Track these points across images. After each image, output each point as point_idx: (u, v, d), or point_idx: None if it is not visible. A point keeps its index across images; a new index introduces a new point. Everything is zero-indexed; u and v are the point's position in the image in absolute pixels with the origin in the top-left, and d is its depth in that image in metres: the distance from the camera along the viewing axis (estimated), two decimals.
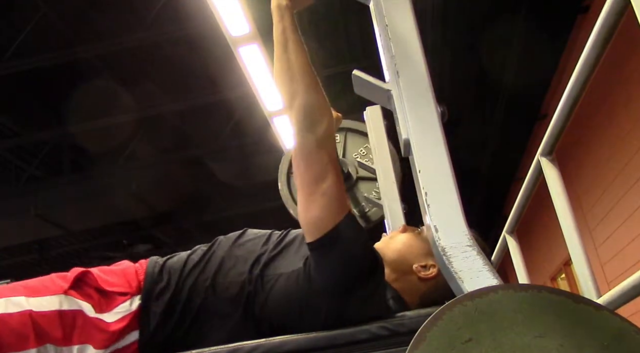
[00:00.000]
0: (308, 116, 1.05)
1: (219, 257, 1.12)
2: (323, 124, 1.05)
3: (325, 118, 1.06)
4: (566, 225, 1.50)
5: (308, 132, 1.04)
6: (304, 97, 1.06)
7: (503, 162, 7.14)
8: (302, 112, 1.05)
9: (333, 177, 1.04)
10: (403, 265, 1.18)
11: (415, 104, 0.92)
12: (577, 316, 0.60)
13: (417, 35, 0.99)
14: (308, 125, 1.04)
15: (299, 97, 1.06)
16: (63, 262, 8.04)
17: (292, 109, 1.06)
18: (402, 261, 1.19)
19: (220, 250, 1.14)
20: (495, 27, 4.77)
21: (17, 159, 5.53)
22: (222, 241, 1.17)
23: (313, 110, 1.05)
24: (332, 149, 1.09)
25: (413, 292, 1.17)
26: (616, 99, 4.53)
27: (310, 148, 1.04)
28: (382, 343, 1.02)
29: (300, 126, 1.05)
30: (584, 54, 1.21)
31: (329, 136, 1.07)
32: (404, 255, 1.20)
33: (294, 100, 1.06)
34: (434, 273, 1.15)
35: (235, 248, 1.14)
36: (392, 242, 1.25)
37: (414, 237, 1.24)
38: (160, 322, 1.03)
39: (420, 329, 0.59)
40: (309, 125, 1.04)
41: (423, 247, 1.19)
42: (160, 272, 1.09)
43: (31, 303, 0.98)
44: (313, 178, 1.04)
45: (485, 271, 0.74)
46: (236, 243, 1.16)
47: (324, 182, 1.03)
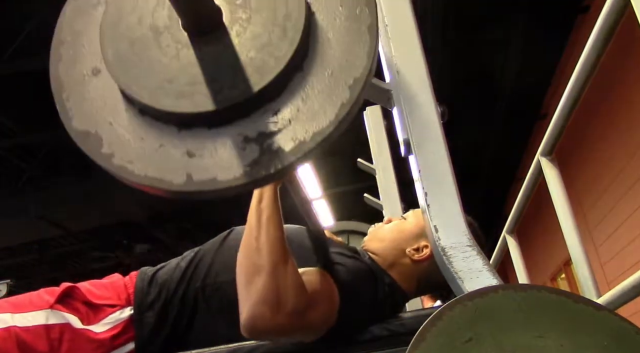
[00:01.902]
0: (270, 297, 0.87)
1: (208, 259, 1.11)
2: (288, 303, 0.87)
3: (291, 296, 0.88)
4: (566, 225, 1.50)
5: (272, 314, 0.86)
6: (266, 274, 0.88)
7: (503, 162, 7.14)
8: (262, 293, 0.87)
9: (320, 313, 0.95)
10: (395, 251, 1.18)
11: (415, 104, 0.92)
12: (577, 316, 0.60)
13: (417, 35, 0.99)
14: (270, 310, 0.86)
15: (261, 274, 0.88)
16: (63, 262, 8.05)
17: (250, 288, 0.88)
18: (394, 247, 1.18)
19: (208, 253, 1.13)
20: (495, 27, 4.77)
21: (17, 158, 5.53)
22: (208, 244, 1.17)
23: (276, 290, 0.87)
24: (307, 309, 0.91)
25: (409, 277, 1.17)
26: (616, 99, 4.53)
27: (279, 329, 0.88)
28: (382, 343, 1.02)
29: (260, 312, 0.86)
30: (584, 54, 1.21)
31: (298, 310, 0.89)
32: (395, 242, 1.19)
33: (254, 276, 0.89)
34: (428, 253, 1.14)
35: (223, 249, 1.13)
36: (379, 232, 1.25)
37: (400, 223, 1.24)
38: (154, 330, 1.03)
39: (420, 329, 0.59)
40: (271, 309, 0.86)
41: (412, 231, 1.18)
42: (150, 284, 1.08)
43: (16, 319, 0.97)
44: (301, 336, 0.97)
45: (485, 271, 0.74)
46: (224, 243, 1.15)
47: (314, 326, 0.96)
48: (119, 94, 0.56)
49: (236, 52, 0.55)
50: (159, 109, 0.53)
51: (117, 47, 0.57)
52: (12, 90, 4.63)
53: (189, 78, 0.54)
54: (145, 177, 0.52)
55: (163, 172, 0.52)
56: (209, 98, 0.53)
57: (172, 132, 0.54)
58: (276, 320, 0.87)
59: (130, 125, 0.55)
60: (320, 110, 0.53)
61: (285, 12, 0.57)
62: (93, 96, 0.57)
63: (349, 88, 0.53)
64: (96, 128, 0.56)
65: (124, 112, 0.56)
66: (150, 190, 0.53)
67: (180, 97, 0.53)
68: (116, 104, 0.56)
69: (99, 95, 0.57)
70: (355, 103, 0.53)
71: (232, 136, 0.53)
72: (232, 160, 0.51)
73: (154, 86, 0.54)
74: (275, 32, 0.55)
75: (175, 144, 0.53)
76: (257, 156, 0.51)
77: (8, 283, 4.14)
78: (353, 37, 0.56)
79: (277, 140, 0.52)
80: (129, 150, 0.54)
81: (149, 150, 0.53)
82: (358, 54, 0.55)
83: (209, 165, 0.52)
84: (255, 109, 0.54)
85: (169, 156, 0.53)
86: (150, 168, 0.52)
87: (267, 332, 0.89)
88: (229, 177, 0.51)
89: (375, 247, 1.20)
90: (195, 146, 0.53)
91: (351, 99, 0.53)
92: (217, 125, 0.53)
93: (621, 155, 4.58)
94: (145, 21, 0.58)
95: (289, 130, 0.52)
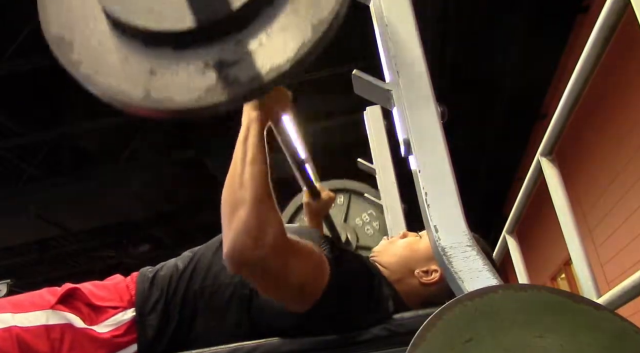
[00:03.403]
0: (253, 228, 0.90)
1: (206, 260, 1.11)
2: (269, 235, 0.90)
3: (272, 229, 0.91)
4: (566, 225, 1.50)
5: (254, 244, 0.90)
6: (249, 207, 0.91)
7: (503, 162, 7.14)
8: (245, 224, 0.90)
9: (300, 267, 0.96)
10: (404, 269, 1.17)
11: (415, 104, 0.92)
12: (577, 316, 0.60)
13: (417, 35, 0.99)
14: (252, 240, 0.90)
15: (244, 206, 0.91)
16: (63, 262, 8.05)
17: (233, 219, 0.92)
18: (403, 265, 1.18)
19: (206, 254, 1.13)
20: (495, 27, 4.77)
21: (17, 158, 5.53)
22: (207, 245, 1.16)
23: (258, 221, 0.90)
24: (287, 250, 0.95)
25: (414, 296, 1.16)
26: (616, 99, 4.53)
27: (259, 262, 0.91)
28: (382, 343, 1.02)
29: (242, 241, 0.90)
30: (584, 54, 1.21)
31: (278, 245, 0.92)
32: (405, 260, 1.19)
33: (237, 209, 0.92)
34: (437, 278, 1.14)
35: (222, 250, 1.13)
36: (392, 247, 1.24)
37: (415, 242, 1.22)
38: (157, 332, 1.03)
39: (420, 329, 0.59)
40: (253, 239, 0.90)
41: (424, 252, 1.17)
42: (151, 286, 1.08)
43: (16, 319, 0.97)
44: (277, 283, 0.97)
45: (485, 271, 0.74)
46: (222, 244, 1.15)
47: (292, 276, 0.96)
48: (97, 4, 0.57)
49: None
50: (127, 23, 0.54)
51: None
52: (12, 90, 4.63)
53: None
54: (108, 87, 0.54)
55: (124, 85, 0.53)
56: (176, 19, 0.53)
57: (139, 48, 0.55)
58: (257, 251, 0.90)
59: (102, 36, 0.56)
60: (281, 46, 0.53)
61: None
62: (75, 3, 0.58)
63: (313, 27, 0.54)
64: (71, 35, 0.57)
65: (99, 22, 0.57)
66: (110, 101, 0.54)
67: (150, 13, 0.54)
68: (94, 14, 0.57)
69: (80, 3, 0.58)
70: (316, 43, 0.53)
71: (193, 60, 0.54)
72: (189, 83, 0.53)
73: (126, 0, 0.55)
74: None
75: (140, 60, 0.54)
76: (213, 83, 0.52)
77: (8, 283, 4.13)
78: None
79: (234, 70, 0.52)
80: (97, 60, 0.55)
81: (115, 62, 0.55)
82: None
83: (167, 85, 0.53)
84: (220, 35, 0.54)
85: (133, 71, 0.54)
86: (113, 80, 0.54)
87: (247, 262, 0.91)
88: (183, 99, 0.52)
89: (386, 261, 1.20)
90: (159, 65, 0.54)
91: (313, 38, 0.53)
92: (181, 47, 0.54)
93: (621, 155, 4.58)
94: None
95: (247, 62, 0.53)
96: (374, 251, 1.26)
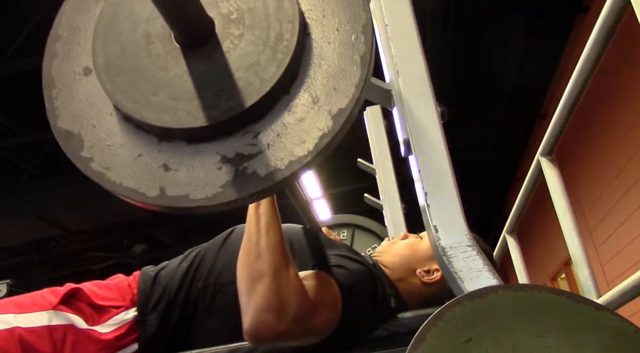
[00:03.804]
0: (272, 306, 0.85)
1: (210, 259, 1.11)
2: (291, 308, 0.86)
3: (293, 302, 0.87)
4: (566, 225, 1.50)
5: (276, 320, 0.85)
6: (269, 280, 0.87)
7: (503, 162, 7.14)
8: (265, 299, 0.86)
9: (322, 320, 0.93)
10: (405, 268, 1.18)
11: (415, 104, 0.92)
12: (577, 316, 0.60)
13: (417, 35, 0.99)
14: (274, 316, 0.85)
15: (263, 280, 0.87)
16: (63, 262, 8.05)
17: (252, 295, 0.87)
18: (405, 264, 1.19)
19: (209, 253, 1.13)
20: (495, 27, 4.77)
21: (17, 158, 5.53)
22: (210, 243, 1.16)
23: (279, 295, 0.86)
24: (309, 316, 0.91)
25: (415, 295, 1.17)
26: (616, 99, 4.53)
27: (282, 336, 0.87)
28: (382, 343, 1.02)
29: (264, 319, 0.85)
30: (584, 54, 1.21)
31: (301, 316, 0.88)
32: (406, 260, 1.20)
33: (256, 282, 0.88)
34: (438, 277, 1.15)
35: (225, 248, 1.13)
36: (393, 247, 1.25)
37: (416, 242, 1.24)
38: (158, 331, 1.03)
39: (420, 329, 0.59)
40: (275, 316, 0.85)
41: (426, 252, 1.19)
42: (153, 285, 1.08)
43: (19, 319, 0.97)
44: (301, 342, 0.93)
45: (485, 271, 0.74)
46: (226, 243, 1.14)
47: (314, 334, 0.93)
48: (106, 98, 0.56)
49: (223, 70, 0.54)
50: (140, 119, 0.53)
51: (108, 51, 0.57)
52: (12, 90, 4.63)
53: (174, 92, 0.53)
54: (120, 186, 0.52)
55: (138, 183, 0.52)
56: (191, 115, 0.52)
57: (152, 143, 0.53)
58: (280, 327, 0.86)
59: (113, 130, 0.55)
60: (300, 138, 0.51)
61: (278, 32, 0.55)
62: (81, 96, 0.57)
63: (332, 118, 0.52)
64: (80, 129, 0.56)
65: (109, 116, 0.56)
66: (124, 198, 0.53)
67: (163, 110, 0.52)
68: (103, 107, 0.56)
69: (87, 97, 0.57)
70: (337, 134, 0.51)
71: (210, 154, 0.52)
72: (206, 179, 0.51)
73: (138, 96, 0.53)
74: (265, 52, 0.54)
75: (153, 156, 0.53)
76: (231, 178, 0.51)
77: (8, 283, 4.14)
78: (344, 65, 0.54)
79: (253, 164, 0.51)
80: (108, 156, 0.54)
81: (127, 159, 0.53)
82: (346, 83, 0.53)
83: (183, 182, 0.51)
84: (236, 129, 0.53)
85: (146, 167, 0.53)
86: (126, 177, 0.52)
87: (271, 338, 0.88)
88: (200, 196, 0.51)
89: (387, 261, 1.21)
90: (173, 160, 0.52)
91: (333, 129, 0.51)
92: (196, 141, 0.53)
93: (621, 155, 4.58)
94: (139, 28, 0.57)
95: (266, 154, 0.51)
96: (377, 252, 1.27)
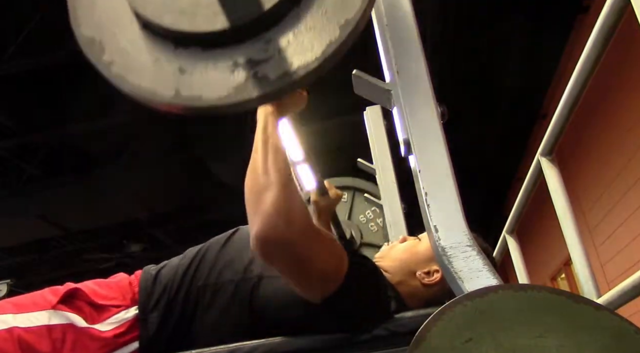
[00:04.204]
0: (283, 209, 0.89)
1: (211, 257, 1.11)
2: (298, 217, 0.90)
3: (300, 212, 0.92)
4: (566, 225, 1.50)
5: (285, 225, 0.89)
6: (277, 190, 0.90)
7: (503, 162, 7.14)
8: (274, 205, 0.89)
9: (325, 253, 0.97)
10: (405, 271, 1.19)
11: (415, 104, 0.92)
12: (577, 316, 0.60)
13: (417, 35, 0.99)
14: (283, 220, 0.88)
15: (271, 190, 0.90)
16: (63, 262, 8.05)
17: (260, 203, 0.90)
18: (404, 267, 1.19)
19: (211, 251, 1.13)
20: (495, 27, 4.77)
21: (17, 158, 5.53)
22: (212, 242, 1.16)
23: (287, 203, 0.89)
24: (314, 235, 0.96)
25: (416, 298, 1.17)
26: (616, 99, 4.53)
27: (289, 243, 0.91)
28: (382, 343, 1.02)
29: (273, 222, 0.88)
30: (584, 54, 1.21)
31: (307, 228, 0.93)
32: (406, 263, 1.20)
33: (264, 193, 0.90)
34: (438, 278, 1.16)
35: (228, 248, 1.13)
36: (392, 251, 1.26)
37: (414, 245, 1.24)
38: (159, 330, 1.03)
39: (420, 329, 0.59)
40: (285, 219, 0.89)
41: (425, 253, 1.19)
42: (154, 284, 1.08)
43: (18, 319, 0.97)
44: (303, 266, 0.96)
45: (485, 271, 0.74)
46: (229, 242, 1.14)
47: (317, 261, 0.96)
48: (127, 5, 0.58)
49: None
50: (158, 24, 0.55)
51: None
52: (12, 90, 4.63)
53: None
54: (139, 87, 0.55)
55: (155, 84, 0.55)
56: (207, 20, 0.54)
57: (169, 48, 0.56)
58: (288, 233, 0.89)
59: (133, 37, 0.58)
60: (308, 45, 0.54)
61: None
62: (104, 4, 0.59)
63: (340, 27, 0.55)
64: (101, 36, 0.58)
65: (129, 24, 0.58)
66: (141, 100, 0.55)
67: (181, 14, 0.55)
68: (124, 15, 0.59)
69: (110, 4, 0.59)
70: (344, 42, 0.54)
71: (223, 59, 0.55)
72: (218, 81, 0.54)
73: (157, 1, 0.56)
74: None
75: (170, 60, 0.56)
76: (243, 81, 0.53)
77: (8, 283, 4.14)
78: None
79: (264, 68, 0.54)
80: (128, 60, 0.56)
81: (145, 63, 0.56)
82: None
83: (197, 83, 0.54)
84: (249, 35, 0.55)
85: (163, 70, 0.55)
86: (144, 79, 0.55)
87: (278, 242, 0.90)
88: (212, 97, 0.53)
89: (387, 266, 1.21)
90: (188, 64, 0.55)
91: (340, 37, 0.54)
92: (211, 47, 0.55)
93: (621, 155, 4.58)
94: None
95: (276, 60, 0.54)
96: (376, 256, 1.27)
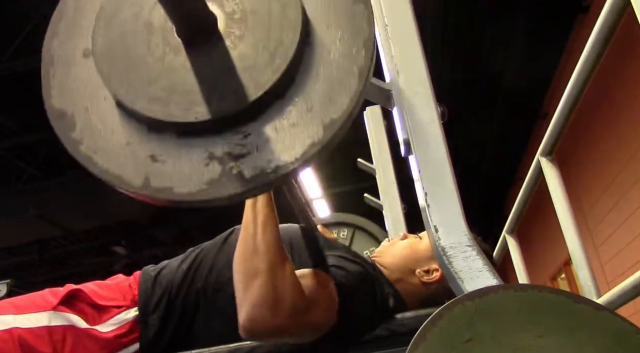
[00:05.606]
0: (270, 299, 0.86)
1: (209, 259, 1.11)
2: (286, 303, 0.87)
3: (289, 297, 0.88)
4: (566, 225, 1.50)
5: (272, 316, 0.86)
6: (265, 278, 0.88)
7: (503, 162, 7.15)
8: (261, 296, 0.86)
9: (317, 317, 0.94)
10: (405, 268, 1.18)
11: (415, 104, 0.92)
12: (577, 316, 0.60)
13: (417, 35, 0.99)
14: (269, 311, 0.86)
15: (259, 277, 0.88)
16: (63, 262, 8.05)
17: (248, 290, 0.88)
18: (404, 265, 1.19)
19: (209, 253, 1.13)
20: (495, 27, 4.77)
21: (17, 158, 5.53)
22: (209, 244, 1.16)
23: (275, 292, 0.87)
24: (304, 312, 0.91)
25: (414, 296, 1.17)
26: (616, 99, 4.53)
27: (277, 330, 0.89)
28: (382, 343, 1.02)
29: (259, 313, 0.86)
30: (584, 54, 1.21)
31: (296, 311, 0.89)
32: (405, 260, 1.20)
33: (252, 279, 0.88)
34: (437, 277, 1.15)
35: (225, 249, 1.12)
36: (392, 248, 1.25)
37: (415, 243, 1.24)
38: (159, 331, 1.03)
39: (420, 329, 0.59)
40: (270, 311, 0.86)
41: (425, 252, 1.19)
42: (154, 285, 1.08)
43: (18, 320, 0.97)
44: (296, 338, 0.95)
45: (485, 271, 0.74)
46: (226, 243, 1.14)
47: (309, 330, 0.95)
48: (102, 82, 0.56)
49: (220, 69, 0.54)
50: (132, 108, 0.53)
51: (108, 36, 0.57)
52: (12, 90, 4.63)
53: (168, 84, 0.53)
54: (107, 172, 0.52)
55: (124, 170, 0.52)
56: (182, 109, 0.52)
57: (142, 132, 0.53)
58: (275, 322, 0.87)
59: (105, 115, 0.55)
60: (289, 143, 0.51)
61: (278, 37, 0.55)
62: (78, 77, 0.57)
63: (324, 127, 0.52)
64: (73, 110, 0.56)
65: (102, 100, 0.56)
66: (109, 184, 0.53)
67: (155, 101, 0.53)
68: (98, 91, 0.56)
69: (83, 78, 0.57)
70: (327, 144, 0.51)
71: (198, 150, 0.52)
72: (191, 174, 0.51)
73: (132, 84, 0.54)
74: (263, 56, 0.54)
75: (142, 145, 0.53)
76: (217, 176, 0.51)
77: (8, 283, 4.13)
78: (341, 76, 0.54)
79: (240, 165, 0.51)
80: (98, 140, 0.54)
81: (116, 145, 0.53)
82: (342, 94, 0.53)
83: (168, 174, 0.51)
84: (227, 128, 0.52)
85: (133, 156, 0.53)
86: (113, 164, 0.52)
87: (266, 333, 0.89)
88: (183, 191, 0.51)
89: (386, 262, 1.21)
90: (161, 151, 0.52)
91: (323, 139, 0.51)
92: (186, 135, 0.52)
93: (621, 155, 4.58)
94: (142, 16, 0.57)
95: (253, 157, 0.51)
96: (376, 252, 1.27)
